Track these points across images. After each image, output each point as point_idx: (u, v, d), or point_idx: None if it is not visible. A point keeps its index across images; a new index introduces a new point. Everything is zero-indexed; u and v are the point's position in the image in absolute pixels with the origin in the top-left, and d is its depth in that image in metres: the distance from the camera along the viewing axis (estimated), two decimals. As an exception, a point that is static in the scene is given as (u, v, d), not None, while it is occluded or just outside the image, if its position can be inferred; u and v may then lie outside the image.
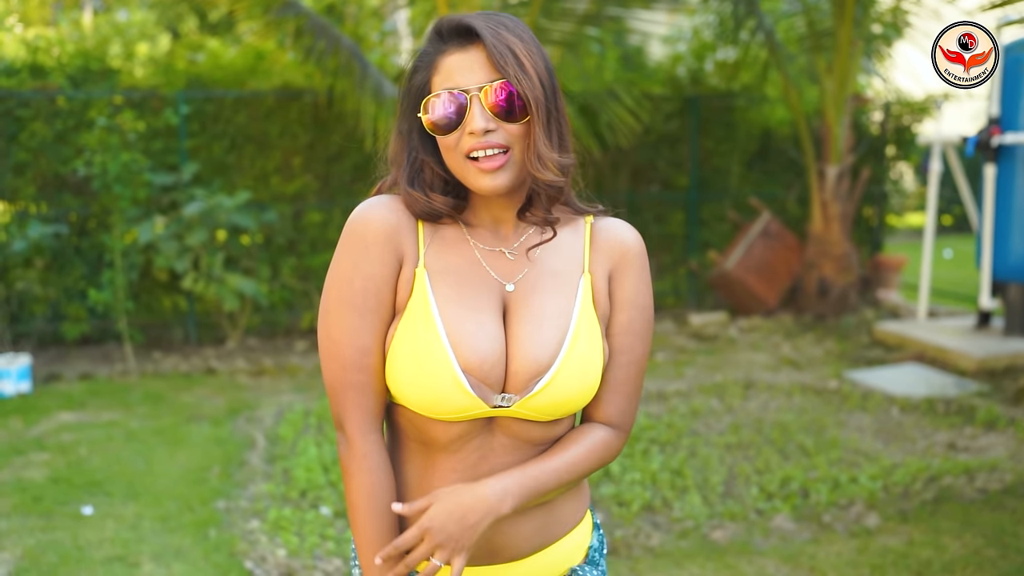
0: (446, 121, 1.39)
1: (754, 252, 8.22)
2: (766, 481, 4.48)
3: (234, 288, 7.00)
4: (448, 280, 1.43)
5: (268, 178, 7.75)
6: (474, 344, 1.40)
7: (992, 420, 5.32)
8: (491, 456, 1.46)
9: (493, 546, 1.49)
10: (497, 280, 1.46)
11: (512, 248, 1.48)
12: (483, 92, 1.37)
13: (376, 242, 1.43)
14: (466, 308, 1.42)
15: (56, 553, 3.79)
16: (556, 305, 1.45)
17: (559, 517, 1.53)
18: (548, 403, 1.42)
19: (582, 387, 1.43)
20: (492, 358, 1.40)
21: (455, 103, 1.38)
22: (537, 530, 1.50)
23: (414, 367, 1.39)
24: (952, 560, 3.68)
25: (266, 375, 6.78)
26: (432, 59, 1.43)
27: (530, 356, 1.41)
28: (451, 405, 1.39)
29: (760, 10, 7.96)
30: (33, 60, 7.34)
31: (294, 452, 4.92)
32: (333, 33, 6.92)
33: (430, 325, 1.40)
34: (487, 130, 1.37)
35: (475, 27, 1.38)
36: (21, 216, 7.30)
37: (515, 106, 1.38)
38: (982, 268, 7.03)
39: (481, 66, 1.38)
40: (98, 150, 6.80)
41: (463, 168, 1.41)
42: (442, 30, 1.43)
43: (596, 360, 1.45)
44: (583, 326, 1.44)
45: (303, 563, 3.65)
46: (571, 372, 1.42)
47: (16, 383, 6.16)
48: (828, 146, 8.06)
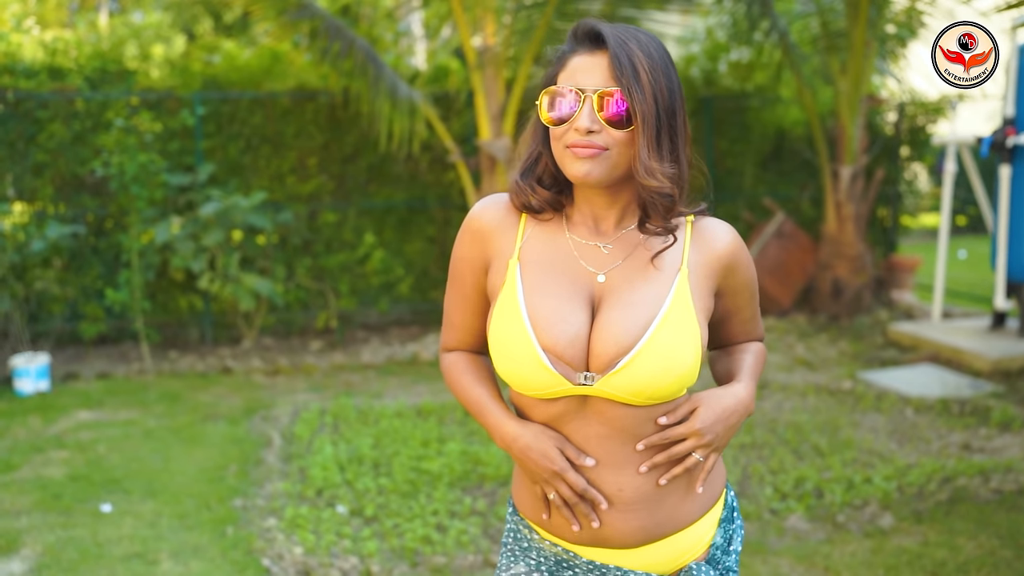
0: (558, 113, 1.51)
1: (768, 252, 8.21)
2: (780, 481, 4.49)
3: (250, 288, 7.05)
4: (539, 269, 1.56)
5: (283, 178, 7.80)
6: (555, 325, 1.51)
7: (1007, 421, 5.32)
8: (590, 443, 1.54)
9: (597, 534, 1.57)
10: (589, 270, 1.56)
11: (608, 242, 1.58)
12: (596, 95, 1.48)
13: (471, 231, 1.64)
14: (551, 295, 1.53)
15: (76, 550, 3.83)
16: (648, 294, 1.53)
17: (672, 515, 1.59)
18: (629, 382, 1.48)
19: (667, 371, 1.48)
20: (571, 338, 1.50)
21: (569, 99, 1.50)
22: (641, 527, 1.57)
23: (504, 348, 1.53)
24: (967, 561, 3.68)
25: (281, 374, 6.83)
26: (564, 57, 1.55)
27: (612, 337, 1.49)
28: (537, 382, 1.51)
29: (774, 11, 7.96)
30: (51, 62, 7.40)
31: (310, 451, 4.95)
32: (348, 34, 6.96)
33: (515, 309, 1.53)
34: (590, 130, 1.48)
35: (604, 35, 1.50)
36: (40, 216, 7.36)
37: (621, 114, 1.48)
38: (997, 269, 7.02)
39: (602, 71, 1.49)
40: (115, 151, 6.87)
41: (562, 156, 1.52)
42: (578, 32, 1.55)
43: (685, 350, 1.50)
44: (673, 315, 1.51)
45: (319, 561, 3.68)
46: (655, 355, 1.48)
47: (35, 382, 6.22)
48: (842, 147, 8.05)
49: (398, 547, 3.83)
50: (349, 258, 7.93)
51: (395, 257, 7.99)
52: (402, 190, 8.07)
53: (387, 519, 4.09)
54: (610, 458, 1.54)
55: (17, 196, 7.44)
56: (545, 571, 1.62)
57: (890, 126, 9.47)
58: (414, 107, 7.06)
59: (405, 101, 6.98)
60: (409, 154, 7.88)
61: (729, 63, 9.09)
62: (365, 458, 4.79)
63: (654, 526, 1.57)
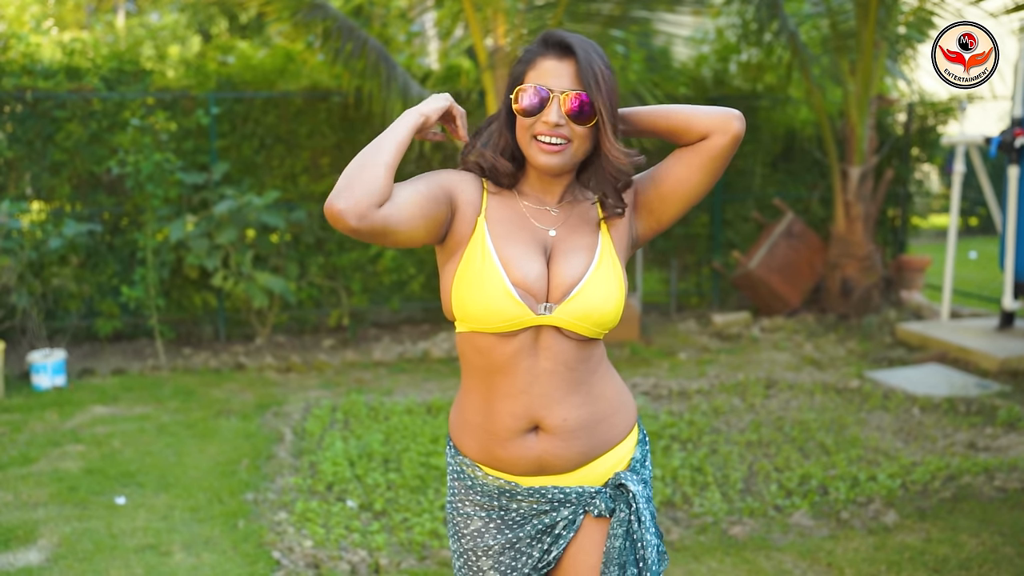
0: (530, 107, 1.79)
1: (777, 252, 8.24)
2: (786, 478, 4.53)
3: (263, 286, 7.12)
4: (501, 227, 1.84)
5: (297, 178, 7.87)
6: (521, 265, 1.80)
7: (1013, 420, 5.34)
8: (539, 379, 1.82)
9: (542, 463, 1.85)
10: (541, 228, 1.87)
11: (555, 206, 1.89)
12: (564, 95, 1.77)
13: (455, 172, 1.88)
14: (515, 243, 1.83)
15: (91, 541, 3.91)
16: (584, 242, 1.85)
17: (604, 438, 1.88)
18: (578, 309, 1.79)
19: (605, 300, 1.81)
20: (535, 275, 1.80)
21: (540, 96, 1.78)
22: (580, 452, 1.86)
23: (475, 287, 1.78)
24: (969, 557, 3.71)
25: (294, 371, 6.90)
26: (533, 58, 1.82)
27: (565, 274, 1.81)
28: (505, 314, 1.77)
29: (784, 12, 7.98)
30: (69, 62, 7.50)
31: (321, 446, 5.02)
32: (361, 35, 7.02)
33: (487, 254, 1.80)
34: (558, 124, 1.77)
35: (573, 46, 1.78)
36: (57, 214, 7.46)
37: (585, 113, 1.78)
38: (1005, 269, 7.03)
39: (568, 76, 1.78)
40: (131, 150, 6.96)
41: (528, 145, 1.81)
42: (548, 40, 1.82)
43: (615, 284, 1.84)
44: (604, 258, 1.84)
45: (329, 554, 3.74)
46: (595, 287, 1.81)
47: (52, 377, 6.31)
48: (851, 147, 8.07)
49: (406, 541, 3.89)
50: (361, 257, 8.00)
51: (407, 256, 8.05)
52: (414, 189, 8.12)
53: (396, 513, 4.15)
54: (556, 392, 1.83)
55: (35, 194, 7.55)
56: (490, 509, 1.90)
57: (900, 126, 9.48)
58: (426, 107, 7.11)
59: (417, 100, 7.05)
60: (421, 153, 7.94)
61: (739, 64, 9.11)
62: (375, 454, 4.86)
63: (590, 449, 1.86)
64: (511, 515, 1.89)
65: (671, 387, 6.19)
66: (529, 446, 1.84)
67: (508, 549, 1.89)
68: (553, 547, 1.89)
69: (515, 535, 1.88)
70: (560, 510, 1.87)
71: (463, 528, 1.93)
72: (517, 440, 1.84)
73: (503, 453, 1.85)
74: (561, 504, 1.87)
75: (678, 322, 8.39)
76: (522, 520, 1.88)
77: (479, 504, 1.90)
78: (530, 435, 1.84)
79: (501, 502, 1.88)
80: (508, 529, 1.89)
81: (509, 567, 1.89)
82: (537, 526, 1.87)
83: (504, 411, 1.83)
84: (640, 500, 1.85)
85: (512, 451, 1.84)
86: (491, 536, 1.89)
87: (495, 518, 1.89)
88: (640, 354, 7.19)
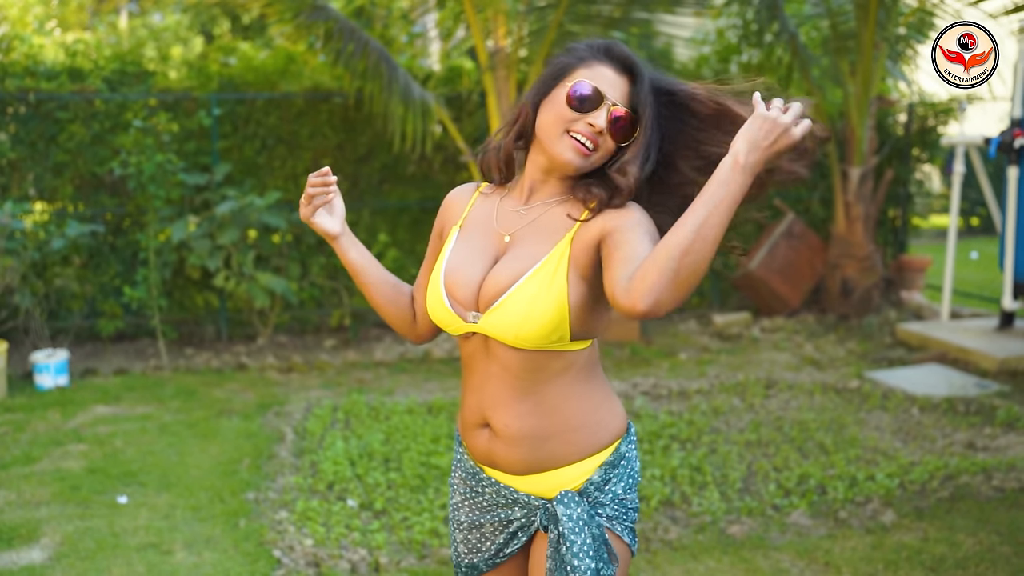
0: (578, 101, 1.76)
1: (778, 253, 8.26)
2: (784, 478, 4.55)
3: (265, 286, 7.15)
4: (467, 231, 1.90)
5: (298, 178, 7.90)
6: (458, 271, 1.84)
7: (1012, 420, 5.36)
8: (489, 381, 1.85)
9: (491, 458, 1.89)
10: (499, 232, 1.87)
11: (529, 208, 1.86)
12: (614, 107, 1.77)
13: (441, 209, 2.00)
14: (465, 250, 1.87)
15: (93, 540, 3.94)
16: (531, 251, 1.79)
17: (554, 454, 1.84)
18: (498, 322, 1.77)
19: (527, 317, 1.74)
20: (466, 282, 1.82)
21: (595, 97, 1.76)
22: (522, 460, 1.85)
23: (428, 292, 1.90)
24: (966, 557, 3.73)
25: (295, 371, 6.93)
26: (587, 58, 1.80)
27: (493, 283, 1.79)
28: (442, 320, 1.86)
29: (784, 13, 7.99)
30: (71, 64, 7.53)
31: (321, 446, 5.05)
32: (362, 36, 7.05)
33: (440, 261, 1.89)
34: (600, 130, 1.76)
35: (637, 68, 1.79)
36: (59, 215, 7.49)
37: (625, 131, 1.78)
38: (1004, 269, 7.04)
39: (623, 92, 1.78)
40: (133, 151, 6.99)
41: (559, 137, 1.78)
42: (612, 51, 1.81)
43: (544, 302, 1.73)
44: (544, 270, 1.75)
45: (329, 552, 3.77)
46: (519, 300, 1.74)
47: (54, 377, 6.34)
48: (851, 148, 8.09)
49: (406, 540, 3.91)
50: (363, 257, 8.01)
51: (408, 256, 8.08)
52: (415, 190, 8.16)
53: (396, 512, 4.17)
54: (500, 396, 1.84)
55: (38, 195, 7.58)
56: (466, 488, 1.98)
57: (900, 127, 9.49)
58: (427, 108, 7.15)
59: (418, 102, 7.07)
60: (422, 154, 7.97)
61: (740, 65, 9.13)
62: (375, 453, 4.88)
63: (534, 460, 1.84)
64: (479, 499, 1.95)
65: (671, 387, 6.21)
66: (483, 440, 1.90)
67: (475, 529, 1.96)
68: (510, 543, 1.94)
69: (480, 518, 1.95)
70: (514, 509, 1.91)
71: (450, 497, 2.05)
72: (475, 431, 1.91)
73: (468, 439, 1.94)
74: (515, 504, 1.90)
75: (679, 322, 8.41)
76: (487, 507, 1.95)
77: (461, 479, 2.00)
78: (484, 430, 1.90)
79: (472, 484, 1.96)
80: (477, 511, 1.96)
81: (475, 547, 1.97)
82: (499, 516, 1.93)
83: (467, 403, 1.92)
84: (567, 524, 1.78)
85: (471, 440, 1.93)
86: (463, 513, 1.98)
87: (469, 497, 1.97)
88: (640, 354, 7.21)
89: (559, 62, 1.82)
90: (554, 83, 1.80)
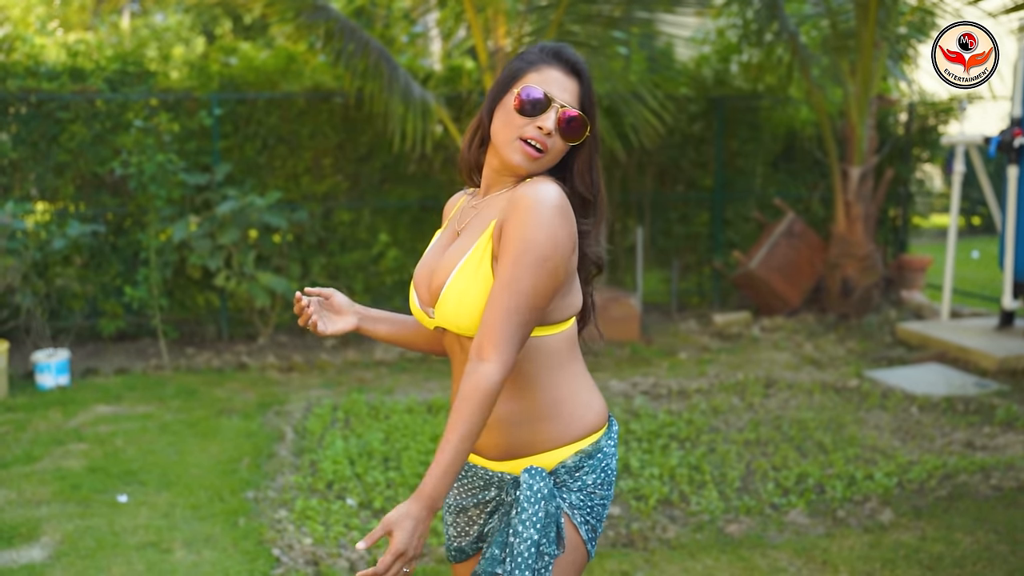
0: (529, 106, 1.82)
1: (778, 252, 8.26)
2: (783, 477, 4.55)
3: (265, 286, 7.16)
4: (443, 233, 2.01)
5: (299, 178, 7.91)
6: (419, 273, 1.96)
7: (1011, 419, 5.36)
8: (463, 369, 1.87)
9: None
10: (456, 229, 1.95)
11: (480, 203, 1.94)
12: (564, 110, 1.83)
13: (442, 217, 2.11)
14: (433, 251, 1.98)
15: (93, 538, 3.95)
16: (465, 244, 1.88)
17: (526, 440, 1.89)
18: (444, 315, 1.86)
19: (459, 308, 1.83)
20: (423, 281, 1.94)
21: (542, 100, 1.82)
22: (495, 445, 1.90)
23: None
24: (963, 555, 3.74)
25: (296, 371, 6.94)
26: (538, 62, 1.86)
27: (436, 277, 1.89)
28: (419, 318, 1.98)
29: (784, 12, 8.00)
30: (73, 64, 7.54)
31: (321, 445, 5.06)
32: (362, 36, 7.06)
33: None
34: (549, 132, 1.81)
35: (582, 71, 1.87)
36: (61, 215, 7.51)
37: (576, 131, 1.84)
38: (1004, 269, 7.05)
39: (571, 94, 1.85)
40: (135, 151, 7.01)
41: (510, 142, 1.83)
42: (561, 54, 1.87)
43: (474, 291, 1.81)
44: (471, 261, 1.84)
45: (328, 551, 3.78)
46: (452, 292, 1.84)
47: (56, 377, 6.36)
48: (851, 147, 8.09)
49: (405, 538, 3.92)
50: (363, 256, 8.04)
51: (409, 255, 8.09)
52: (416, 189, 8.17)
53: (395, 511, 4.18)
54: None
55: (39, 195, 7.60)
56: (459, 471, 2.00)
57: (901, 126, 9.50)
58: (427, 108, 7.16)
59: (418, 102, 7.08)
60: (422, 154, 7.98)
61: (740, 64, 9.14)
62: (375, 452, 4.89)
63: (507, 445, 1.89)
64: (463, 482, 1.99)
65: (671, 386, 6.22)
66: None
67: (462, 513, 2.01)
68: (488, 522, 1.98)
69: (465, 502, 2.00)
70: (491, 490, 1.94)
71: None
72: None
73: None
74: (490, 484, 1.94)
75: (679, 322, 8.41)
76: (470, 490, 1.99)
77: None
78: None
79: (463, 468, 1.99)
80: (464, 495, 2.00)
81: (463, 530, 2.02)
82: (480, 498, 1.97)
83: (453, 391, 1.97)
84: (525, 492, 1.81)
85: None
86: (452, 496, 2.03)
87: (459, 478, 2.00)
88: (640, 353, 7.22)
89: (510, 68, 1.88)
90: (506, 89, 1.86)
